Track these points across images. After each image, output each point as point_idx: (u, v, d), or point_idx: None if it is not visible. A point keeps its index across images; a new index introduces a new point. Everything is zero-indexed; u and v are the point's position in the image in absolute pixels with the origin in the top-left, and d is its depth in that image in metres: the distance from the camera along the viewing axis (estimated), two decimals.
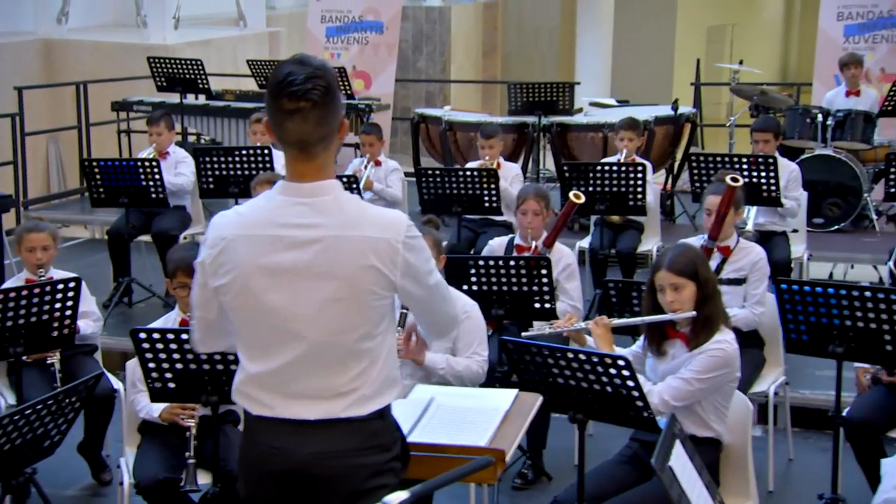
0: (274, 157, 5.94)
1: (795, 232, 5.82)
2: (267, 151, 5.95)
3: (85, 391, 2.96)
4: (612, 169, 5.61)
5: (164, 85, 7.99)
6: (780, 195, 5.43)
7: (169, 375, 3.18)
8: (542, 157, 8.16)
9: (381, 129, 6.87)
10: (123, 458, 3.61)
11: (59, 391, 3.04)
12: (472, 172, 5.75)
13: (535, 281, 4.21)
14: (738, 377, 3.34)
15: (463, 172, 5.79)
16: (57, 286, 3.84)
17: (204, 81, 7.86)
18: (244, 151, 5.98)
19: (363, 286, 2.22)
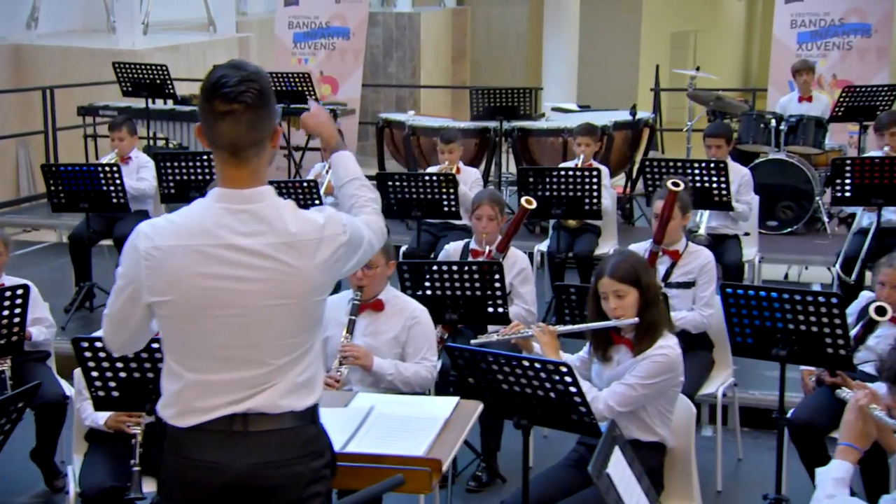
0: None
1: (747, 235, 5.81)
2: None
3: (21, 401, 2.86)
4: (568, 174, 5.57)
5: (129, 90, 7.87)
6: (731, 199, 5.41)
7: (113, 384, 3.09)
8: (506, 161, 8.11)
9: (342, 134, 6.77)
10: (71, 466, 3.51)
11: None
12: (430, 177, 5.69)
13: (487, 286, 4.16)
14: (681, 381, 3.31)
15: (422, 177, 5.73)
16: (5, 293, 3.74)
17: (170, 86, 7.75)
18: (205, 156, 5.88)
19: (309, 288, 2.17)
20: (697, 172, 5.35)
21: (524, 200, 4.69)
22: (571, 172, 5.58)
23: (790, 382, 4.20)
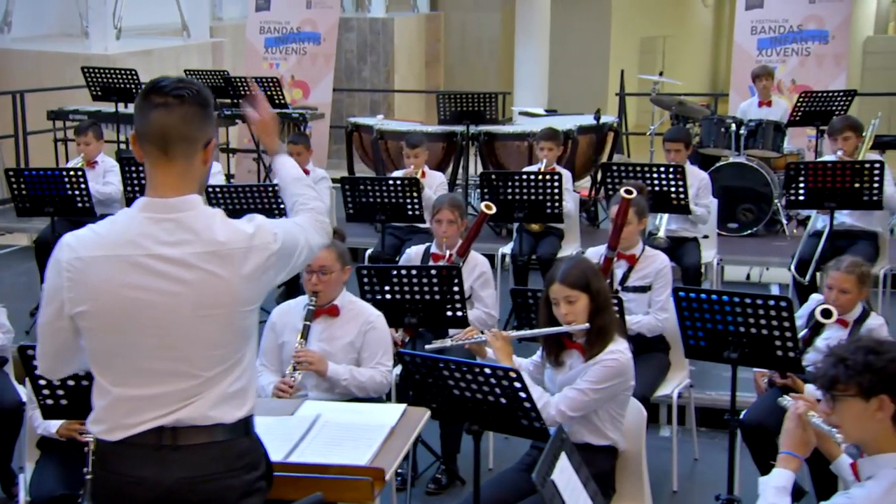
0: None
1: (706, 238, 5.80)
2: None
3: None
4: (530, 178, 5.52)
5: (99, 94, 7.74)
6: (689, 203, 5.38)
7: (61, 392, 3.00)
8: (474, 164, 8.05)
9: (308, 138, 6.70)
10: (23, 474, 3.42)
11: None
12: (394, 181, 5.62)
13: (446, 290, 4.10)
14: (632, 385, 3.27)
15: (386, 181, 5.66)
16: None
17: (139, 90, 7.61)
18: None
19: (236, 299, 2.10)
20: (656, 176, 5.32)
21: (483, 205, 4.65)
22: (533, 177, 5.54)
23: (745, 383, 4.20)
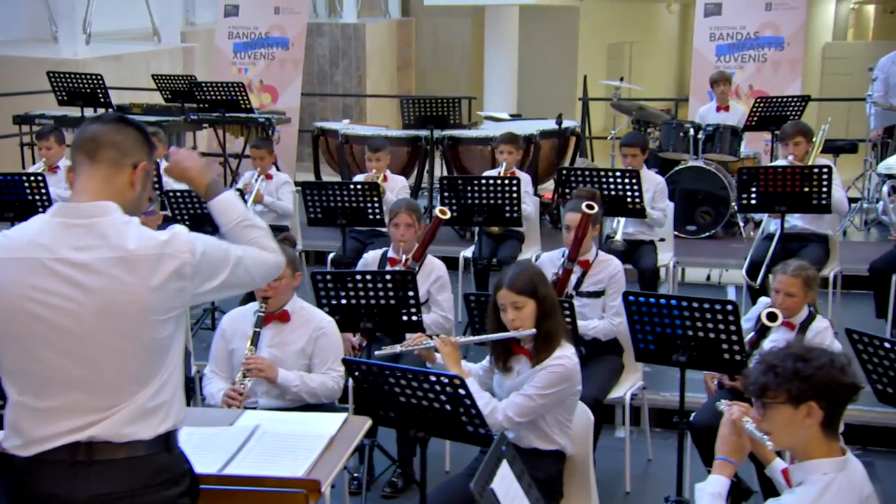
0: (162, 169, 5.63)
1: (663, 241, 5.76)
2: (155, 164, 5.61)
3: None
4: (489, 182, 5.46)
5: (65, 99, 7.59)
6: (644, 207, 5.34)
7: None
8: (440, 168, 7.98)
9: (270, 143, 6.60)
10: None
11: None
12: (355, 186, 5.54)
13: (401, 294, 4.02)
14: (579, 390, 3.21)
15: (346, 185, 5.58)
16: None
17: (104, 95, 7.48)
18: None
19: (144, 307, 2.00)
20: (611, 181, 5.27)
21: (438, 211, 4.58)
22: (492, 181, 5.48)
23: (699, 384, 4.16)
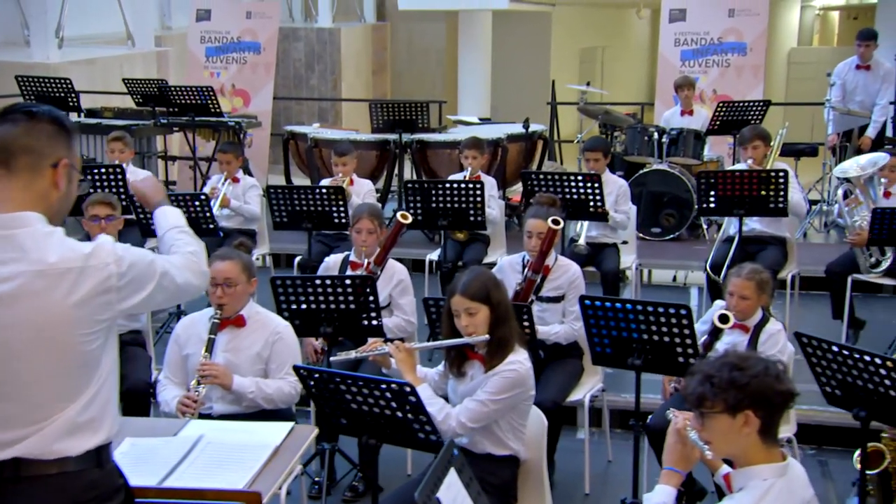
0: (127, 174, 5.53)
1: (625, 243, 5.73)
2: (119, 169, 5.52)
3: None
4: (452, 186, 5.41)
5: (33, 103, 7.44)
6: (606, 210, 5.31)
7: None
8: (409, 172, 7.92)
9: (238, 146, 6.51)
10: None
11: None
12: (321, 190, 5.47)
13: (361, 299, 3.96)
14: (532, 395, 3.16)
15: (313, 190, 5.50)
16: None
17: (74, 99, 7.35)
18: (95, 170, 5.54)
19: (66, 321, 1.91)
20: (573, 185, 5.23)
21: (399, 215, 4.51)
22: (456, 185, 5.42)
23: (655, 385, 4.13)
